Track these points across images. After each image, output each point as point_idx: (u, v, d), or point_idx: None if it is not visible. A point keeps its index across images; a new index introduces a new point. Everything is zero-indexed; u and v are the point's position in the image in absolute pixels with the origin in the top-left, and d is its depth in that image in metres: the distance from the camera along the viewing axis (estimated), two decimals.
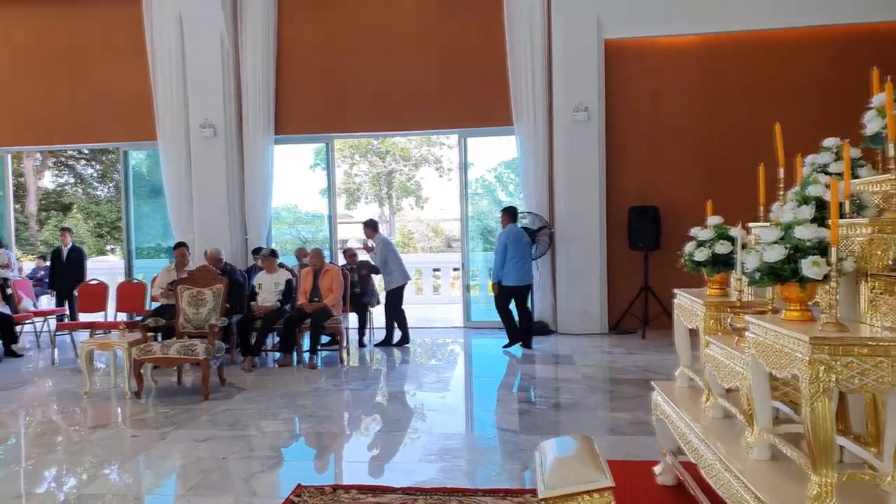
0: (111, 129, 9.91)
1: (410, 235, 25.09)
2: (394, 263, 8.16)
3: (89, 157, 21.47)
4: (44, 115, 10.00)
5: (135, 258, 10.34)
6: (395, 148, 23.18)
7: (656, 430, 3.33)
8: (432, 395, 5.83)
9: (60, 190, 21.91)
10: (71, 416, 5.43)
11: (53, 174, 22.02)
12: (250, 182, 9.47)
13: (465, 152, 9.57)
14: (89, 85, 9.89)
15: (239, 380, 6.52)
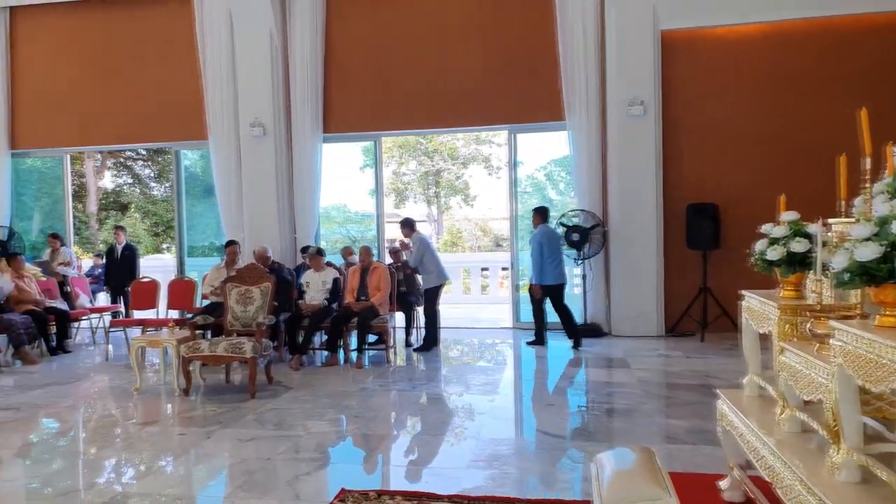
0: (165, 130, 10.04)
1: (459, 234, 24.94)
2: (431, 263, 7.89)
3: (146, 158, 22.00)
4: (100, 117, 10.20)
5: (187, 256, 10.45)
6: (443, 147, 23.08)
7: (722, 442, 3.10)
8: (480, 397, 5.67)
9: (119, 190, 22.52)
10: (121, 412, 5.46)
11: (112, 175, 22.64)
12: (299, 180, 9.46)
13: (514, 149, 9.38)
14: (144, 86, 10.04)
15: (286, 378, 6.49)
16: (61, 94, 10.31)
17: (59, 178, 10.89)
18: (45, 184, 11.59)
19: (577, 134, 8.70)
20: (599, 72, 8.59)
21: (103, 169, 21.63)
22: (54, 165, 10.97)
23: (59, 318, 8.09)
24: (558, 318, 7.84)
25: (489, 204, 27.25)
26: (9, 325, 7.39)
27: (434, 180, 24.22)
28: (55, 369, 7.28)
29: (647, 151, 8.41)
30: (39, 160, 11.33)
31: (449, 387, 6.12)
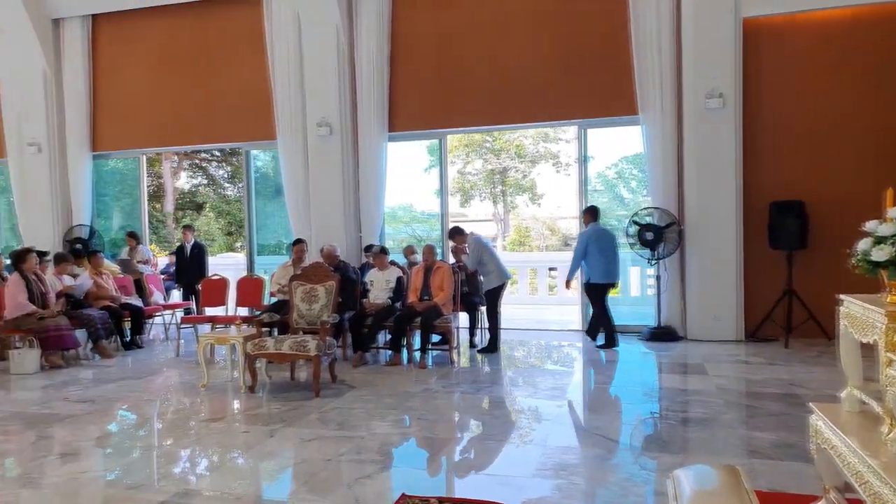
0: (235, 130, 10.22)
1: (527, 233, 24.64)
2: (490, 262, 7.67)
3: (220, 159, 22.65)
4: (174, 119, 10.47)
5: (256, 255, 10.61)
6: (509, 145, 22.84)
7: (816, 461, 2.82)
8: (548, 402, 5.48)
9: (194, 191, 23.27)
10: (188, 408, 5.53)
11: (188, 176, 23.41)
12: (364, 179, 9.46)
13: (584, 145, 9.10)
14: (216, 87, 10.25)
15: (350, 377, 6.46)
16: (137, 98, 10.65)
17: (137, 178, 11.25)
18: (125, 185, 11.99)
19: (650, 128, 8.38)
20: (675, 62, 8.24)
21: (179, 170, 22.39)
22: (133, 167, 11.34)
23: (134, 314, 8.34)
24: (593, 312, 7.99)
25: (557, 202, 26.86)
26: (88, 320, 7.63)
27: (500, 179, 24.01)
28: (129, 364, 7.49)
29: (726, 146, 8.00)
30: (120, 161, 11.73)
31: (514, 390, 5.96)
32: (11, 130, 10.96)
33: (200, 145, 11.03)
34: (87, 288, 8.12)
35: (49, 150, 10.78)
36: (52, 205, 10.80)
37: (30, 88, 10.75)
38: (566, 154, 22.98)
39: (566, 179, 25.58)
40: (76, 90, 10.76)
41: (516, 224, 25.10)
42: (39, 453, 4.36)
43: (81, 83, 10.73)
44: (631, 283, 10.64)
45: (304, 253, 8.10)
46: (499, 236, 25.74)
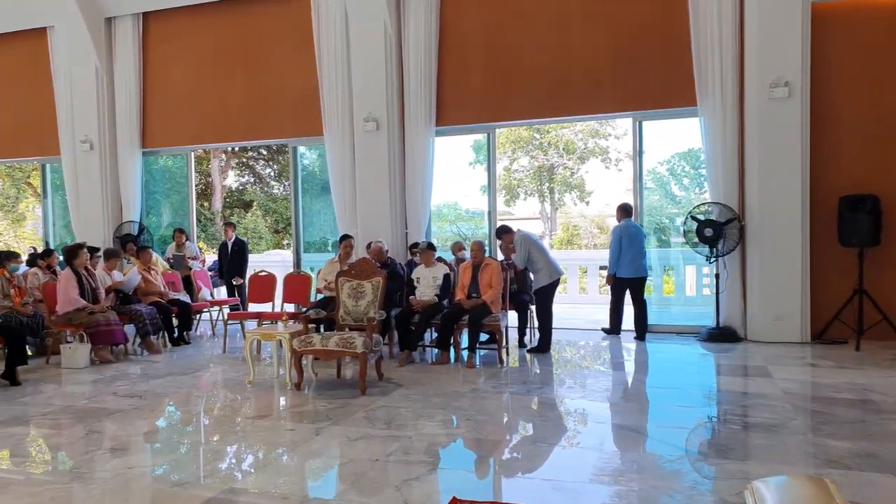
0: (282, 126, 10.28)
1: (575, 231, 24.30)
2: (540, 259, 7.50)
3: (267, 157, 22.94)
4: (222, 115, 10.59)
5: (303, 252, 10.65)
6: (557, 140, 22.55)
7: None
8: (602, 405, 5.31)
9: (242, 189, 23.60)
10: (235, 404, 5.53)
11: (236, 174, 23.76)
12: (411, 175, 9.39)
13: (639, 137, 8.87)
14: (263, 83, 10.32)
15: (396, 375, 6.41)
16: (186, 95, 10.80)
17: (186, 176, 11.42)
18: (174, 182, 12.19)
19: (710, 119, 8.12)
20: (737, 50, 7.95)
21: (227, 168, 22.73)
22: (182, 164, 11.51)
23: (182, 310, 8.42)
24: (634, 310, 8.28)
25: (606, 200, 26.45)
26: (136, 316, 7.73)
27: (548, 176, 23.74)
28: (176, 359, 7.56)
29: (791, 137, 7.68)
30: (169, 159, 11.92)
31: (566, 391, 5.81)
32: (65, 128, 11.24)
33: (247, 141, 11.13)
34: (136, 283, 8.23)
35: (100, 147, 11.02)
36: (104, 201, 11.04)
37: (83, 86, 11.00)
38: (615, 150, 22.63)
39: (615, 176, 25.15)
40: (127, 87, 10.97)
41: (564, 222, 24.80)
42: (90, 447, 4.40)
43: (132, 80, 10.94)
44: (686, 281, 10.41)
45: (352, 249, 8.06)
46: (546, 234, 25.46)
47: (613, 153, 22.60)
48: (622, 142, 22.23)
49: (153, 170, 11.87)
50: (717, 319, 8.12)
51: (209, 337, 9.21)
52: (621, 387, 5.94)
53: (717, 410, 5.11)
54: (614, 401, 5.43)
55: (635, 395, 5.77)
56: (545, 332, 7.56)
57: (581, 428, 4.75)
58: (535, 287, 7.59)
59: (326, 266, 8.01)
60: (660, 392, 5.84)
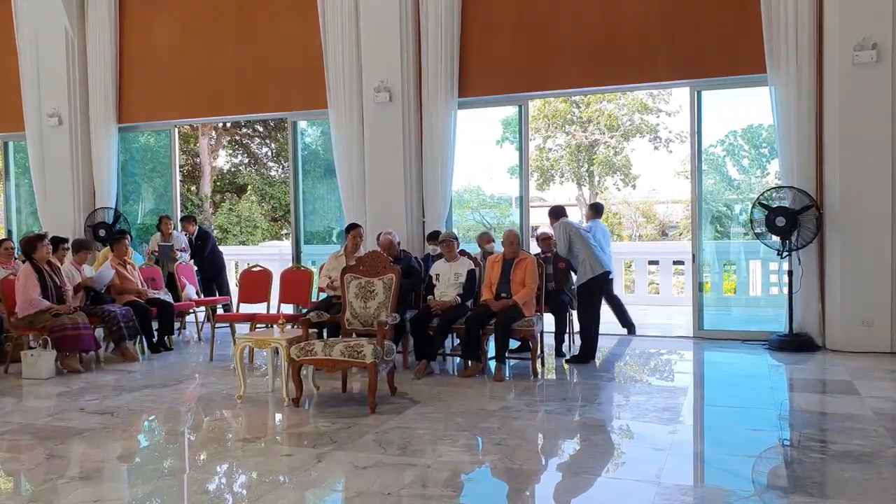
0: (280, 98, 10.23)
1: (618, 220, 24.06)
2: (582, 250, 7.37)
3: (264, 135, 22.97)
4: (211, 85, 10.55)
5: (304, 244, 10.59)
6: (598, 115, 22.33)
7: None
8: (658, 427, 5.16)
9: (235, 171, 23.67)
10: (221, 424, 5.46)
11: (228, 154, 23.82)
12: (429, 154, 9.28)
13: (698, 111, 8.74)
14: (258, 49, 10.27)
15: (412, 389, 6.33)
16: (170, 62, 10.76)
17: (169, 155, 11.36)
18: (157, 163, 12.17)
19: (782, 89, 7.95)
20: (815, 6, 7.75)
21: (218, 147, 22.77)
22: (165, 142, 11.49)
23: (163, 311, 8.36)
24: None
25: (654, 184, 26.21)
26: (109, 318, 7.67)
27: (587, 157, 23.54)
28: (155, 369, 7.51)
29: (880, 110, 7.51)
30: (151, 136, 11.88)
31: (614, 410, 5.72)
32: (30, 101, 11.24)
33: (240, 115, 11.08)
34: (109, 280, 8.15)
35: (70, 122, 11.00)
36: (74, 185, 11.03)
37: (50, 51, 10.98)
38: (666, 127, 22.39)
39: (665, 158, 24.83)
40: (101, 54, 10.92)
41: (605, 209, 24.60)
42: (51, 474, 4.30)
43: (107, 47, 10.90)
44: (750, 279, 10.35)
45: (361, 240, 7.96)
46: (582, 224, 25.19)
47: (664, 131, 22.36)
48: (674, 119, 22.00)
49: (131, 148, 11.82)
50: (789, 324, 7.98)
51: (195, 342, 9.14)
52: (678, 405, 5.80)
53: (794, 435, 4.96)
54: (671, 422, 5.29)
55: (698, 415, 5.65)
56: (587, 338, 7.42)
57: (632, 455, 4.65)
58: (578, 283, 7.47)
59: (330, 261, 7.93)
60: (724, 411, 5.71)
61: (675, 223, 24.38)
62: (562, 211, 7.93)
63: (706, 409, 5.88)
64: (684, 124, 15.51)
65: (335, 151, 9.68)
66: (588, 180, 24.47)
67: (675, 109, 21.65)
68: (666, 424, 5.21)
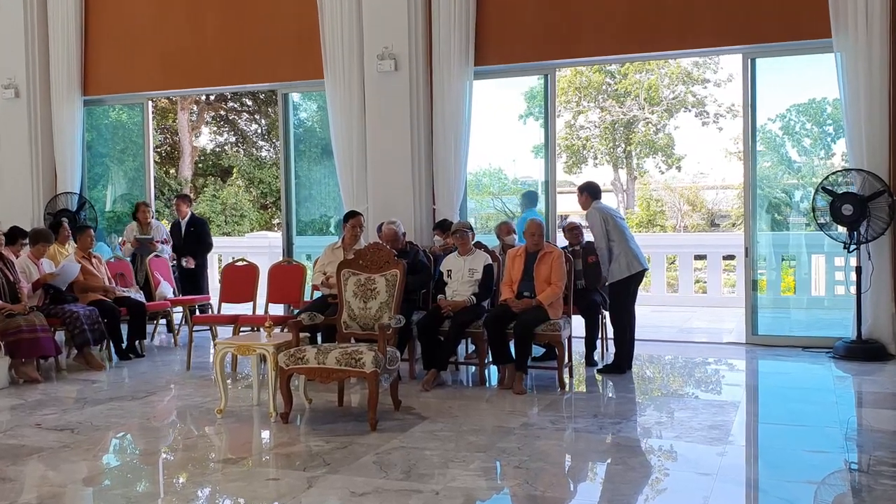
0: (270, 66, 10.23)
1: (659, 207, 23.98)
2: (618, 242, 7.31)
3: (252, 109, 23.05)
4: (191, 53, 10.52)
5: (296, 234, 10.61)
6: (638, 87, 22.27)
7: None
8: (704, 448, 5.16)
9: (219, 151, 23.78)
10: (199, 442, 5.48)
11: (211, 131, 23.91)
12: (441, 132, 9.27)
13: (752, 82, 8.71)
14: (243, 12, 10.25)
15: (419, 403, 6.35)
16: (144, 25, 10.74)
17: (143, 133, 11.37)
18: (129, 142, 12.19)
19: (850, 56, 7.90)
20: None
21: (200, 124, 22.85)
22: (139, 118, 11.51)
23: (133, 312, 8.37)
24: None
25: (701, 167, 26.11)
26: (72, 319, 7.67)
27: (624, 135, 23.51)
28: (124, 378, 7.55)
29: None
30: (122, 111, 11.90)
31: (653, 428, 5.71)
32: None
33: (225, 87, 11.08)
34: (73, 275, 8.16)
35: (28, 94, 10.98)
36: (33, 166, 11.04)
37: (6, 16, 10.98)
38: (715, 100, 22.30)
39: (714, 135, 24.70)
40: (64, 14, 10.90)
41: (644, 196, 24.58)
42: (2, 500, 4.32)
43: (71, 8, 10.89)
44: (812, 277, 10.37)
45: (361, 230, 7.96)
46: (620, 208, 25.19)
47: (712, 105, 22.26)
48: (724, 90, 21.91)
49: (99, 125, 11.86)
50: (857, 329, 7.94)
51: (170, 348, 9.17)
52: (727, 422, 5.79)
53: (862, 457, 4.97)
54: (720, 442, 5.29)
55: (751, 434, 5.66)
56: (622, 344, 7.41)
57: (674, 481, 4.69)
58: (609, 280, 7.42)
59: (326, 254, 7.94)
60: (780, 430, 5.72)
61: (726, 212, 24.30)
62: (597, 190, 7.69)
63: (760, 427, 5.88)
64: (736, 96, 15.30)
65: (332, 128, 9.68)
66: (625, 162, 24.47)
67: (726, 79, 21.57)
68: (713, 445, 5.21)
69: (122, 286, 8.63)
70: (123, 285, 8.69)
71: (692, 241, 15.84)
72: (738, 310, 9.63)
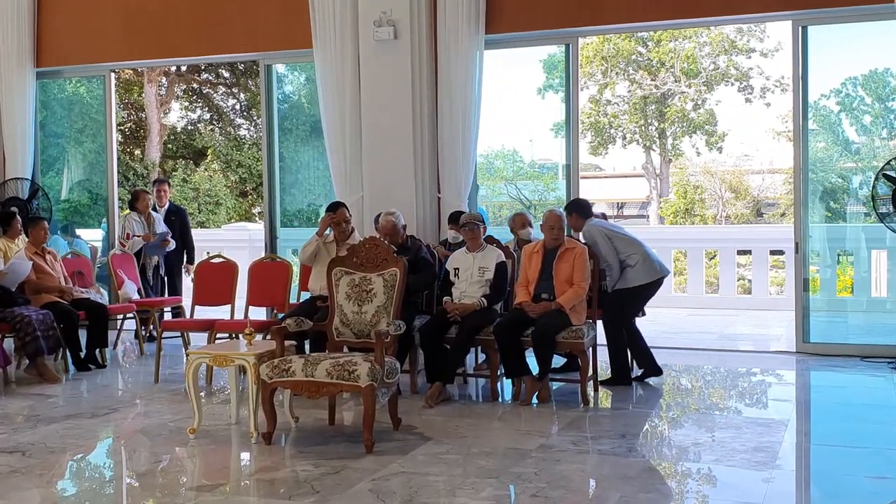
0: (250, 34, 10.25)
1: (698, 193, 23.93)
2: (635, 250, 7.47)
3: (230, 83, 23.04)
4: (160, 18, 10.53)
5: (280, 226, 10.59)
6: (673, 57, 22.23)
7: None
8: (748, 473, 5.16)
9: (192, 130, 23.80)
10: (168, 466, 5.47)
11: (183, 107, 23.91)
12: (447, 108, 9.29)
13: (803, 52, 8.71)
14: None
15: (422, 422, 6.35)
16: None
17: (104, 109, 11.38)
18: (89, 119, 12.19)
19: None
20: None
21: (170, 99, 22.85)
22: (100, 92, 11.52)
23: (94, 316, 8.37)
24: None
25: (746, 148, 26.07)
26: (21, 324, 7.66)
27: (657, 111, 23.48)
28: (83, 392, 7.56)
29: None
30: (81, 84, 11.90)
31: (690, 451, 5.69)
32: None
33: (199, 57, 11.06)
34: (25, 274, 8.18)
35: None
36: None
37: None
38: (762, 72, 22.25)
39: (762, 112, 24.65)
40: None
41: (680, 182, 24.56)
42: None
43: None
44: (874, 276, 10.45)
45: (348, 226, 7.92)
46: (652, 200, 25.17)
47: (758, 78, 22.20)
48: (772, 61, 21.85)
49: (54, 101, 11.87)
50: None
51: (136, 357, 9.19)
52: (775, 443, 5.79)
53: None
54: (768, 466, 5.28)
55: (798, 456, 5.67)
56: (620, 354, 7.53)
57: None
58: (625, 284, 7.45)
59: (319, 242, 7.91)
60: (836, 452, 5.75)
61: (775, 200, 24.25)
62: (587, 207, 7.84)
63: (813, 449, 5.85)
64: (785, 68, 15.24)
65: (322, 105, 9.68)
66: (658, 142, 24.42)
67: (773, 48, 21.50)
68: (759, 470, 5.21)
69: (80, 286, 8.66)
70: (82, 285, 8.71)
71: (735, 234, 15.88)
72: (788, 313, 9.67)
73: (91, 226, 12.31)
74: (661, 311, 11.40)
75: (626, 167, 27.56)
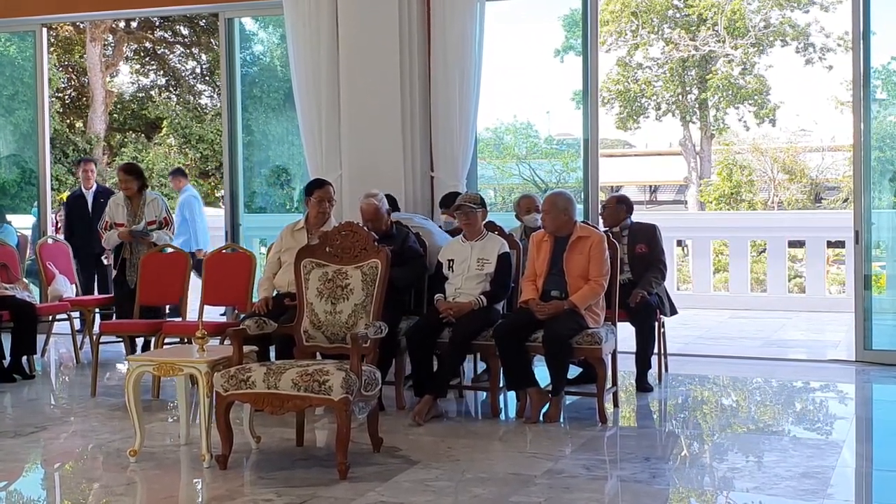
0: None
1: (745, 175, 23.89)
2: None
3: (188, 41, 23.05)
4: None
5: (244, 212, 10.58)
6: (716, 12, 22.20)
7: None
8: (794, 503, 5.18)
9: (142, 97, 23.81)
10: (105, 493, 5.47)
11: (133, 71, 23.92)
12: (441, 71, 9.30)
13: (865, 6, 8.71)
14: None
15: (407, 442, 6.36)
16: None
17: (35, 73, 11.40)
18: (20, 84, 12.21)
19: None
20: None
21: (117, 60, 22.86)
22: (30, 53, 11.51)
23: (20, 317, 8.40)
24: None
25: (803, 121, 26.01)
26: None
27: (697, 77, 23.46)
28: (6, 407, 7.58)
29: None
30: (10, 42, 11.97)
31: (727, 477, 5.70)
32: None
33: (151, 9, 11.07)
34: None
35: None
36: None
37: None
38: (821, 28, 22.22)
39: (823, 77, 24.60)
40: None
41: (725, 161, 24.53)
42: None
43: None
44: None
45: (330, 206, 7.89)
46: (691, 183, 25.15)
47: (818, 36, 22.16)
48: (834, 15, 21.80)
49: None
50: None
51: (70, 365, 9.21)
52: (827, 468, 5.80)
53: None
54: (818, 496, 5.28)
55: (857, 483, 5.69)
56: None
57: None
58: None
59: (284, 238, 7.95)
60: None
61: (837, 183, 24.19)
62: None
63: (875, 475, 5.84)
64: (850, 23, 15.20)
65: (293, 67, 9.70)
66: (699, 114, 24.38)
67: (831, 2, 21.44)
68: (807, 500, 5.21)
69: (3, 281, 8.66)
70: (6, 280, 8.72)
71: (788, 223, 15.83)
72: (847, 316, 9.69)
73: (23, 210, 12.36)
74: (697, 312, 11.46)
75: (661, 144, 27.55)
